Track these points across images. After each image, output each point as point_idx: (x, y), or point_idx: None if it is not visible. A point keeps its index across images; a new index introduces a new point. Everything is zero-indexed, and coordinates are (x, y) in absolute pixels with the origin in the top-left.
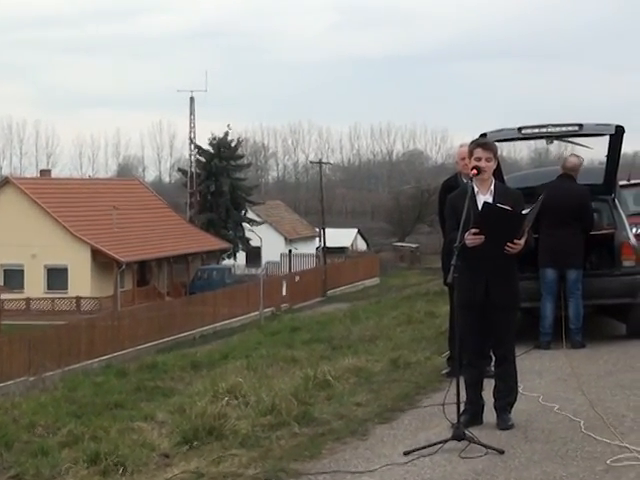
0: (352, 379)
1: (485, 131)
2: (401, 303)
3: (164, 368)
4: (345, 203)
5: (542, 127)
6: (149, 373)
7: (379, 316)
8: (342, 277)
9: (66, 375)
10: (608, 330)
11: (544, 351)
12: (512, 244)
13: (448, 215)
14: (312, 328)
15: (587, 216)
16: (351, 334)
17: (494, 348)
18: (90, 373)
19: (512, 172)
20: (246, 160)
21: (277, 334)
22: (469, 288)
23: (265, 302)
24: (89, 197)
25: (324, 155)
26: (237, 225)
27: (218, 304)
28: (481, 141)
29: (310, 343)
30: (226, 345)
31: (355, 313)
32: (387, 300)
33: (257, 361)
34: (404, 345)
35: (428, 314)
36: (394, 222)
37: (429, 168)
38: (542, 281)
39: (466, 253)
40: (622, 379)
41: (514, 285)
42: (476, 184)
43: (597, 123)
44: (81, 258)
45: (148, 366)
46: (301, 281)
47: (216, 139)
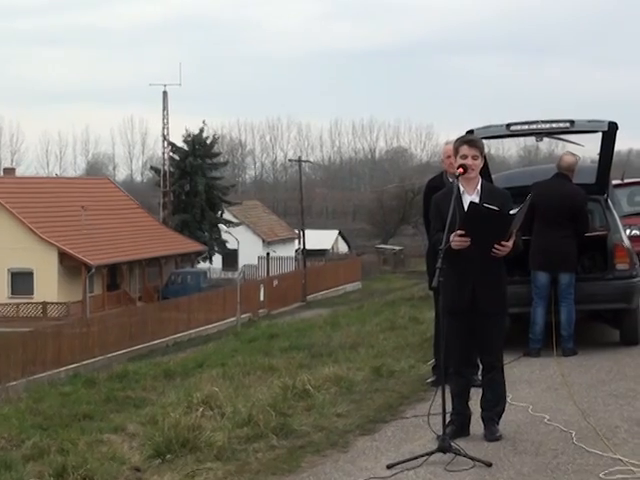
0: (333, 389)
1: (472, 128)
2: (384, 308)
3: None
4: (326, 203)
5: (531, 124)
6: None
7: (361, 322)
8: (322, 281)
9: (31, 385)
10: (601, 337)
11: (534, 359)
12: (500, 246)
13: (433, 216)
14: (291, 335)
15: (582, 218)
16: (332, 341)
17: (481, 356)
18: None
19: (500, 171)
20: (222, 158)
21: (254, 341)
22: (455, 293)
23: (242, 308)
24: (56, 197)
25: (304, 153)
26: (213, 227)
27: (193, 310)
28: (468, 138)
29: (289, 351)
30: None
31: (336, 319)
32: (369, 305)
33: (233, 370)
34: (387, 353)
35: (412, 320)
36: (377, 223)
37: (413, 166)
38: (533, 285)
39: (452, 256)
40: (615, 388)
41: (502, 289)
42: (462, 183)
43: (589, 119)
44: (47, 261)
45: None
46: (280, 285)
47: (191, 136)
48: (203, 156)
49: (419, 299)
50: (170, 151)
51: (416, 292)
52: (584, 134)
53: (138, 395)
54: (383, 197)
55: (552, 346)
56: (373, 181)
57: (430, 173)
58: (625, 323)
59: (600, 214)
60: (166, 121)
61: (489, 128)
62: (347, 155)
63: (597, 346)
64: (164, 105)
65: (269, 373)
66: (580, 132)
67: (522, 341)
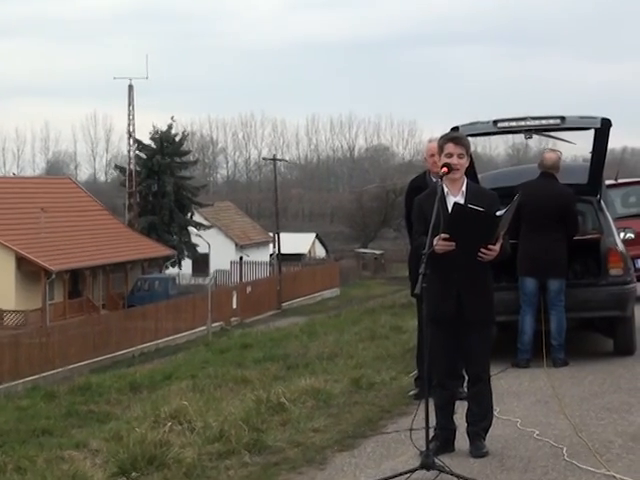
0: (309, 402)
1: (457, 124)
2: (364, 317)
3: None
4: (302, 205)
5: (520, 120)
6: (82, 396)
7: (339, 331)
8: (299, 287)
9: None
10: (593, 347)
11: (522, 370)
12: (486, 250)
13: (416, 218)
14: (265, 345)
15: (571, 219)
16: (308, 351)
17: (467, 367)
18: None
19: (487, 170)
20: (192, 156)
21: (226, 352)
22: (439, 300)
23: (213, 316)
24: (13, 198)
25: (279, 151)
26: (182, 229)
27: (160, 318)
28: (452, 136)
29: (263, 362)
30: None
31: (313, 328)
32: (348, 313)
33: (204, 382)
34: (367, 364)
35: (394, 329)
36: (356, 226)
37: (395, 165)
38: (521, 292)
39: (436, 261)
40: (609, 401)
41: (489, 296)
42: (446, 184)
43: (581, 115)
44: (4, 267)
45: (81, 388)
46: (253, 292)
47: (158, 133)
48: (172, 154)
49: (401, 307)
50: (136, 149)
51: (398, 299)
52: (576, 131)
53: (102, 409)
54: (363, 198)
55: (542, 356)
56: (352, 181)
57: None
58: (619, 332)
59: (592, 216)
60: (132, 117)
61: (475, 125)
62: (325, 153)
63: (589, 356)
64: (130, 100)
65: (242, 385)
66: (571, 129)
67: (510, 351)
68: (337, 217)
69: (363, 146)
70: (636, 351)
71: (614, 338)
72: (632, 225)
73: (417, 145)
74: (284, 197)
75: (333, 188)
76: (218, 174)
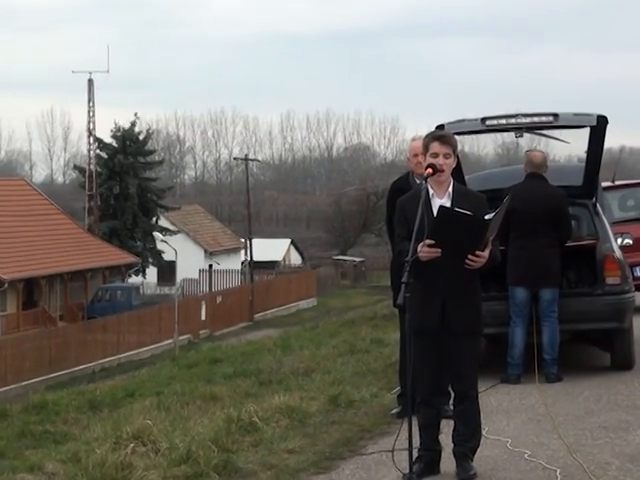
0: (283, 421)
1: (443, 122)
2: (342, 329)
3: (56, 409)
4: (276, 208)
5: (510, 117)
6: (37, 415)
7: (316, 345)
8: (272, 298)
9: None
10: (589, 361)
11: (513, 386)
12: (474, 257)
13: (398, 223)
14: (236, 359)
15: (564, 223)
16: (282, 367)
17: (453, 383)
18: None
19: (475, 171)
20: (157, 156)
21: (194, 367)
22: (423, 311)
23: (180, 328)
24: None
25: (251, 150)
26: (146, 235)
27: (123, 331)
28: (438, 134)
29: (233, 377)
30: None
31: (287, 341)
32: (326, 325)
33: (170, 399)
34: (346, 380)
35: (375, 342)
36: (334, 231)
37: (376, 166)
38: (511, 302)
39: (420, 268)
40: (606, 420)
41: (477, 307)
42: (431, 185)
43: (575, 113)
44: None
45: (36, 406)
46: (223, 303)
47: (121, 131)
48: (135, 154)
49: (382, 318)
50: (97, 148)
51: (379, 310)
52: (570, 129)
53: (58, 429)
54: (341, 201)
55: (533, 371)
56: (330, 183)
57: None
58: (617, 345)
59: (588, 221)
60: (92, 114)
61: (462, 122)
62: (300, 153)
63: (585, 371)
64: (90, 95)
65: (211, 403)
66: (565, 127)
67: (499, 366)
68: (314, 221)
69: (342, 145)
70: (635, 365)
71: (611, 352)
72: (630, 230)
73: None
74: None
75: (310, 190)
76: (186, 175)
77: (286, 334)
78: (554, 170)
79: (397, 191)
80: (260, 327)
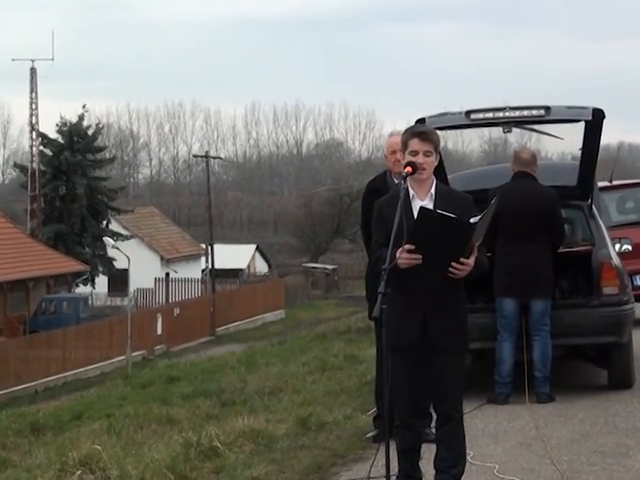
0: (247, 446)
1: (424, 116)
2: (313, 344)
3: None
4: (240, 211)
5: (498, 111)
6: None
7: (284, 361)
8: (236, 309)
9: None
10: (584, 379)
11: (501, 407)
12: (458, 264)
13: (375, 227)
14: (196, 378)
15: (557, 227)
16: (247, 386)
17: (435, 403)
18: None
19: (459, 170)
20: (108, 153)
21: (149, 386)
22: (402, 324)
23: (133, 343)
24: None
25: (212, 147)
26: (96, 240)
27: (70, 346)
28: (418, 130)
29: (193, 398)
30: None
31: (252, 358)
32: (295, 340)
33: (122, 422)
34: (317, 400)
35: (349, 358)
36: (304, 236)
37: (350, 164)
38: (498, 314)
39: (398, 277)
40: (602, 444)
41: (461, 320)
42: (412, 186)
43: (569, 106)
44: None
45: None
46: (182, 315)
47: (67, 125)
48: (83, 151)
49: (357, 332)
50: (40, 144)
51: (354, 323)
52: (563, 124)
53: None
54: (312, 203)
55: (523, 391)
56: (300, 183)
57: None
58: (614, 361)
59: (583, 224)
60: (35, 106)
61: (445, 116)
62: (267, 150)
63: (580, 391)
64: (32, 86)
65: (167, 426)
66: (558, 121)
67: (486, 384)
68: (282, 225)
69: (312, 141)
70: (635, 384)
71: (608, 369)
72: (629, 235)
73: (376, 140)
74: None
75: (277, 191)
76: (140, 174)
77: (251, 350)
78: (546, 169)
79: (373, 192)
80: (222, 342)
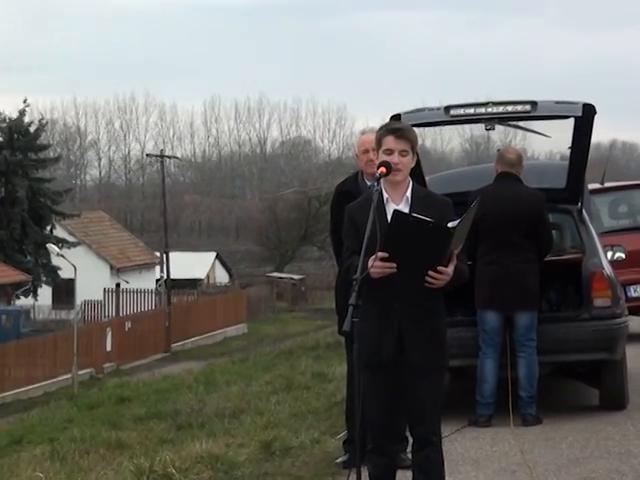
0: (205, 472)
1: (399, 112)
2: (278, 361)
3: None
4: (199, 215)
5: (480, 106)
6: None
7: (246, 380)
8: (194, 323)
9: None
10: (574, 399)
11: (483, 429)
12: (436, 273)
13: (347, 234)
14: (149, 398)
15: (544, 233)
16: (205, 407)
17: (412, 426)
18: None
19: (438, 171)
20: (53, 152)
21: (97, 407)
22: (375, 339)
23: (80, 361)
24: None
25: (168, 145)
26: (39, 248)
27: (9, 364)
28: (393, 126)
29: (145, 420)
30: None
31: (211, 376)
32: (258, 357)
33: (66, 447)
34: (282, 422)
35: (317, 377)
36: (269, 243)
37: (319, 164)
38: (480, 328)
39: (371, 288)
40: (594, 469)
41: (440, 334)
42: (386, 188)
43: (557, 100)
44: None
45: None
46: (134, 330)
47: (6, 121)
48: (24, 149)
49: (326, 348)
50: None
51: (322, 338)
52: (551, 120)
53: None
54: (277, 207)
55: (507, 412)
56: (264, 184)
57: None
58: (607, 380)
59: (572, 230)
60: None
61: (423, 112)
62: (228, 149)
63: (569, 412)
64: None
65: (117, 452)
66: (545, 118)
67: (467, 405)
68: (244, 231)
69: (277, 139)
70: (628, 404)
71: (600, 388)
72: (622, 242)
73: (347, 138)
74: (175, 206)
75: (239, 194)
76: (88, 175)
77: (210, 367)
78: (532, 169)
79: (344, 195)
80: (179, 359)
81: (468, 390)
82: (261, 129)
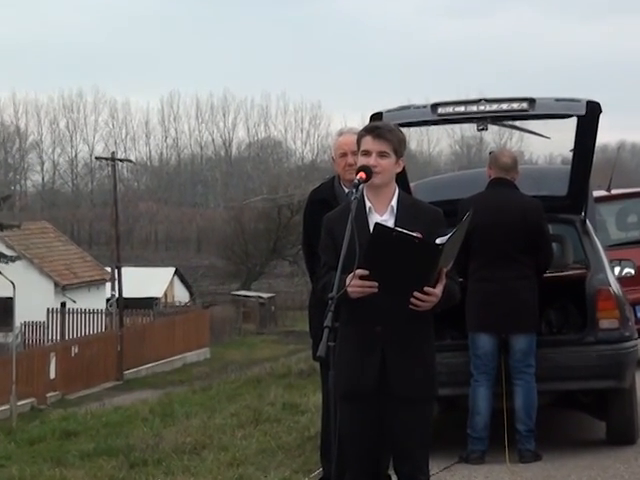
0: None
1: (381, 110)
2: (244, 390)
3: None
4: (155, 226)
5: (471, 104)
6: None
7: (208, 412)
8: (150, 348)
9: None
10: (577, 432)
11: (475, 467)
12: (422, 294)
13: (323, 247)
14: (98, 432)
15: (543, 247)
16: (162, 442)
17: (396, 464)
18: None
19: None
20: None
21: (39, 442)
22: (355, 366)
23: (20, 390)
24: None
25: (120, 147)
26: None
27: None
28: (372, 126)
29: (94, 457)
30: None
31: (169, 407)
32: (222, 385)
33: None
34: (248, 459)
35: (288, 408)
36: (234, 257)
37: (291, 169)
38: (472, 354)
39: (350, 309)
40: None
41: (427, 361)
42: (368, 197)
43: (558, 98)
44: None
45: None
46: (82, 355)
47: None
48: None
49: (299, 375)
50: None
51: (294, 364)
52: (551, 120)
53: None
54: (244, 216)
55: (503, 447)
56: (228, 192)
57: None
58: (614, 411)
59: (575, 243)
60: None
61: (407, 110)
62: (188, 151)
63: (572, 446)
64: None
65: None
66: (545, 117)
67: (458, 440)
68: (206, 244)
69: (244, 140)
70: (639, 439)
71: (607, 420)
72: (632, 256)
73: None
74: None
75: (201, 202)
76: (29, 181)
77: (168, 397)
78: (529, 175)
79: (318, 203)
80: (132, 388)
81: (459, 423)
82: (226, 129)
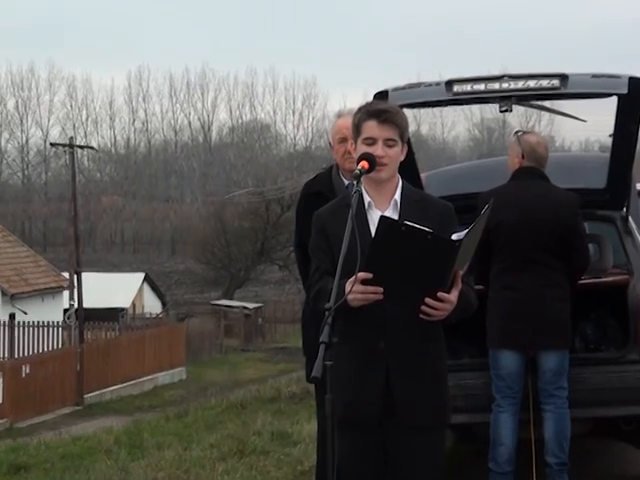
0: None
1: (386, 87)
2: (227, 417)
3: None
4: (121, 224)
5: (492, 81)
6: None
7: (184, 442)
8: (115, 367)
9: None
10: (616, 465)
11: None
12: (435, 301)
13: (315, 248)
14: (53, 466)
15: (577, 248)
16: (129, 477)
17: None
18: None
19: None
20: None
21: None
22: (355, 389)
23: None
24: None
25: (79, 131)
26: None
27: None
28: (376, 107)
29: None
30: None
31: (138, 437)
32: (200, 411)
33: None
34: None
35: (278, 437)
36: (215, 260)
37: (281, 157)
38: (494, 374)
39: (350, 320)
40: None
41: (439, 382)
42: (367, 189)
43: (595, 74)
44: None
45: None
46: (34, 375)
47: None
48: None
49: (290, 399)
50: None
51: (285, 386)
52: (587, 99)
53: None
54: (226, 213)
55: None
56: (208, 184)
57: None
58: None
59: (615, 244)
60: None
61: (417, 89)
62: (160, 137)
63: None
64: None
65: None
66: (579, 96)
67: (477, 475)
68: (182, 245)
69: (226, 124)
70: None
71: None
72: None
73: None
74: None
75: (175, 196)
76: None
77: (136, 426)
78: (562, 164)
79: (313, 197)
80: (94, 414)
81: (478, 455)
82: (204, 110)
